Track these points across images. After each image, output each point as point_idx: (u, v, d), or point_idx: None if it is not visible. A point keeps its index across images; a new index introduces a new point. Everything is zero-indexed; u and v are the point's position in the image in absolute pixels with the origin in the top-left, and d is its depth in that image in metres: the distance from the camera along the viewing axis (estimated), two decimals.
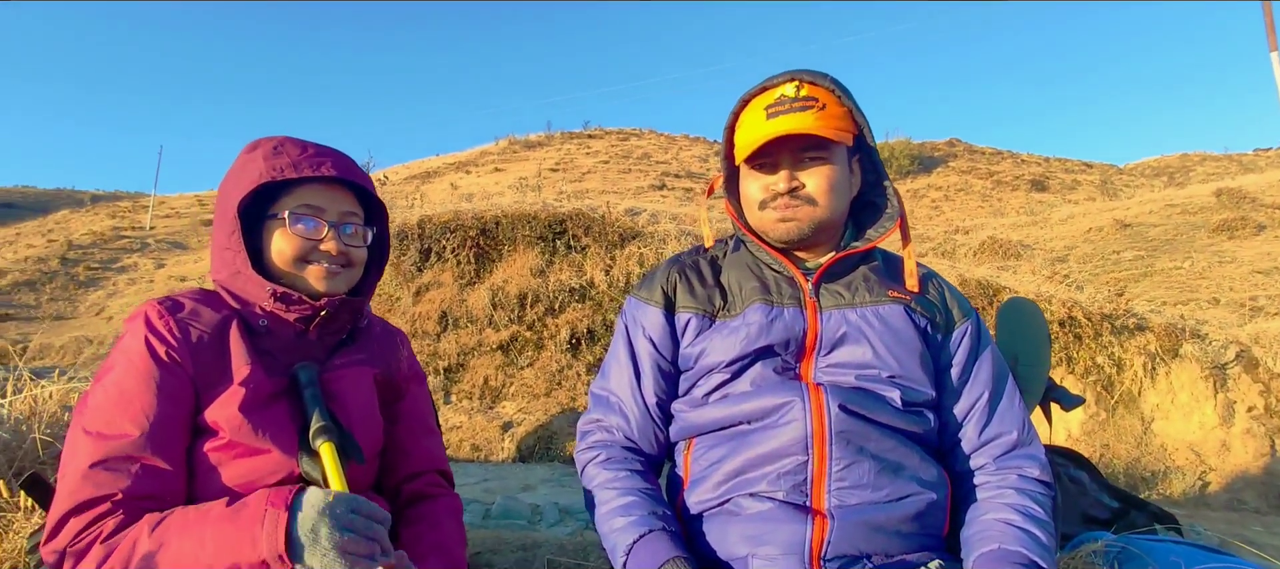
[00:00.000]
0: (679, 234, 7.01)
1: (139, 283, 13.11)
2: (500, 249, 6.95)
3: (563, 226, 6.96)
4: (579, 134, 27.02)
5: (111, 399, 1.10)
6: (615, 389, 1.35)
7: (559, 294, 6.47)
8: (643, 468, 1.29)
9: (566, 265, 6.70)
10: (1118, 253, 11.00)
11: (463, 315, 6.50)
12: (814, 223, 1.25)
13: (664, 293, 1.35)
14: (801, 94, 1.23)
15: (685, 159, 23.81)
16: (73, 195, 24.36)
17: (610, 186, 18.03)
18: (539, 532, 2.73)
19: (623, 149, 24.60)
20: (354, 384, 1.30)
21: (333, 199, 1.29)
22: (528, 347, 6.26)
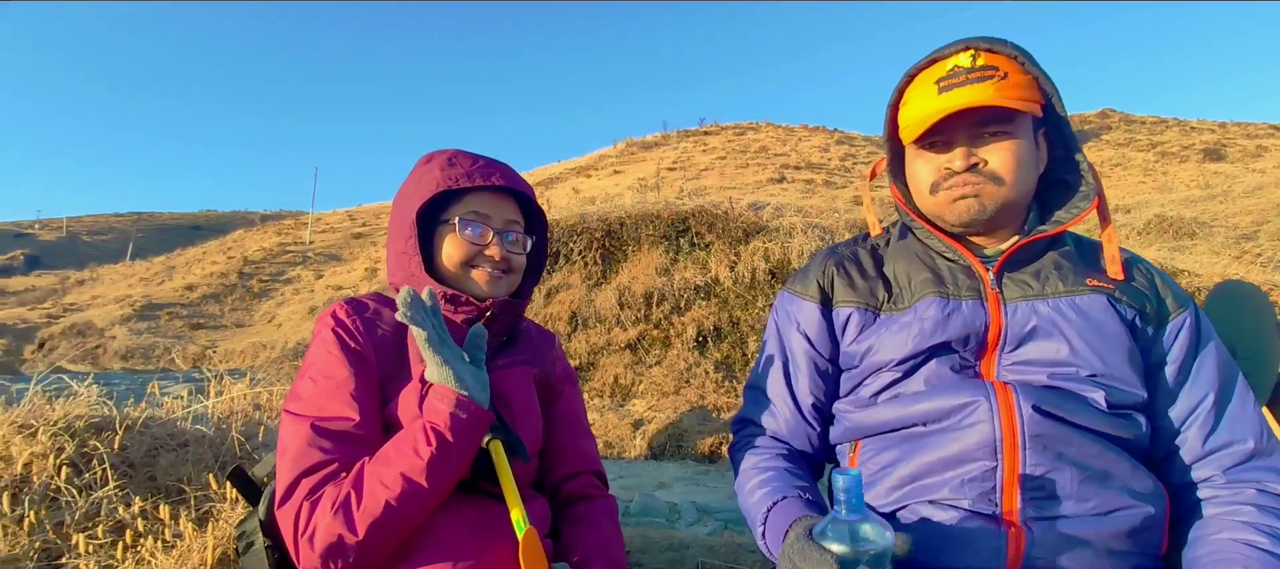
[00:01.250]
0: (805, 227, 6.80)
1: (302, 292, 14.47)
2: (625, 249, 7.03)
3: (686, 224, 6.94)
4: (695, 131, 27.00)
5: (320, 388, 1.18)
6: (767, 388, 1.31)
7: (684, 292, 6.46)
8: (789, 454, 1.25)
9: (691, 263, 6.68)
10: None
11: (591, 315, 6.63)
12: (997, 202, 1.14)
13: (820, 287, 1.28)
14: (978, 64, 1.11)
15: (805, 150, 23.17)
16: (246, 216, 27.36)
17: (728, 182, 17.86)
18: (681, 531, 2.71)
19: (740, 144, 24.31)
20: (517, 384, 1.34)
21: (498, 207, 1.35)
22: (655, 345, 6.30)
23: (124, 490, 1.54)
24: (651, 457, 5.19)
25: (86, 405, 1.74)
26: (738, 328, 6.26)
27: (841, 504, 0.83)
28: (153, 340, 12.60)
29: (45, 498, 1.49)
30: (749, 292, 6.40)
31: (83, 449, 1.58)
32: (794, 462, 1.23)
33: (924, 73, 1.17)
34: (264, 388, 2.32)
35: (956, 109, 1.09)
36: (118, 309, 14.48)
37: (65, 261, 24.15)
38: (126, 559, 1.38)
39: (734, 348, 6.17)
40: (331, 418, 1.15)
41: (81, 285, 18.49)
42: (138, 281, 17.55)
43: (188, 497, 1.58)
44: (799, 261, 6.45)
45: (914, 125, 1.15)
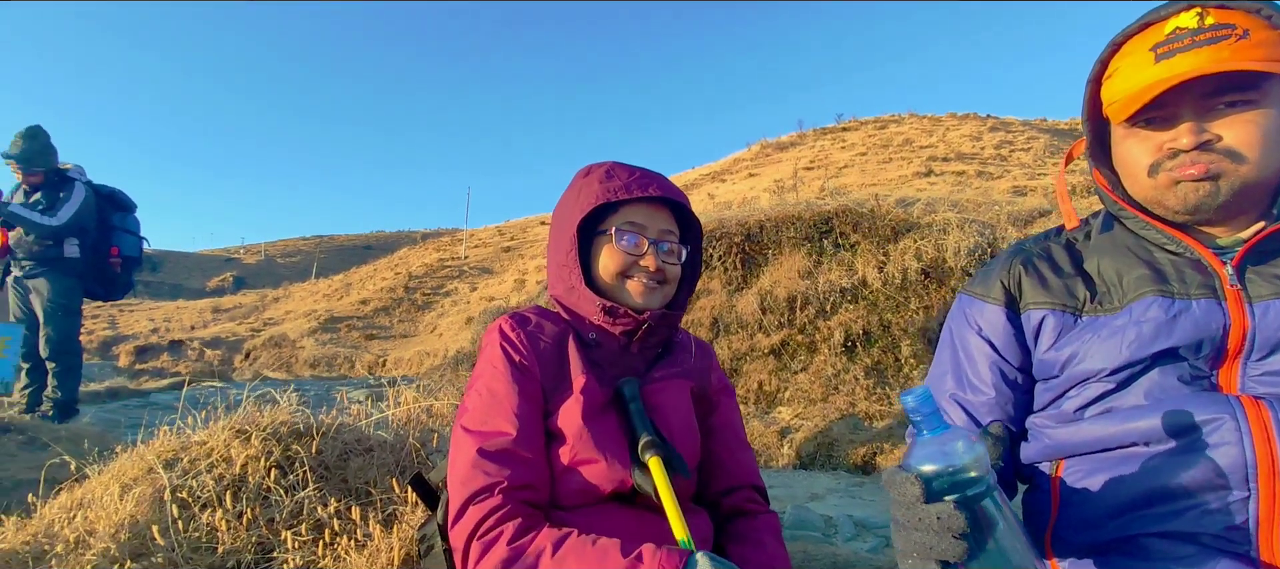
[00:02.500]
0: (961, 223, 6.32)
1: (459, 304, 15.54)
2: (765, 253, 6.89)
3: (829, 225, 6.69)
4: (832, 128, 26.09)
5: (485, 401, 1.23)
6: (941, 400, 1.19)
7: (830, 295, 6.22)
8: None
9: (835, 265, 6.43)
10: None
11: (733, 321, 6.55)
12: (1235, 185, 0.96)
13: (1004, 288, 1.15)
14: (1207, 23, 0.94)
15: (954, 140, 21.68)
16: (409, 235, 29.84)
17: (870, 179, 17.08)
18: (840, 547, 2.59)
19: (881, 138, 23.19)
20: (673, 397, 1.33)
21: (653, 218, 1.35)
22: (800, 350, 6.11)
23: (321, 492, 1.69)
24: (800, 466, 5.03)
25: (288, 413, 1.93)
26: (889, 332, 5.93)
27: (919, 425, 0.75)
28: (334, 350, 14.02)
29: (258, 496, 1.67)
30: (900, 293, 6.04)
31: (287, 453, 1.75)
32: None
33: (1135, 39, 1.00)
34: (434, 397, 2.48)
35: (1182, 79, 0.92)
36: (306, 323, 16.28)
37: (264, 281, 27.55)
38: (326, 556, 1.51)
39: (885, 353, 5.86)
40: (493, 433, 1.18)
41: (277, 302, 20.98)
42: (321, 298, 19.64)
43: (374, 499, 1.71)
44: (955, 260, 6.01)
45: (1125, 101, 0.99)
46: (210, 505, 1.63)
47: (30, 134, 4.57)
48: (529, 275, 15.54)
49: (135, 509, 1.62)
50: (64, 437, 3.61)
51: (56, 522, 1.69)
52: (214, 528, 1.57)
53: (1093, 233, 1.15)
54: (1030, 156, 19.49)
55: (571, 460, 1.22)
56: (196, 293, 27.86)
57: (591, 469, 1.22)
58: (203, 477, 1.69)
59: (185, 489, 1.66)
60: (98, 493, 1.72)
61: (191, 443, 1.82)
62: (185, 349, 15.37)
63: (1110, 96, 1.04)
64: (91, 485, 1.79)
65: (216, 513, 1.58)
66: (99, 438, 3.88)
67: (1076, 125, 27.05)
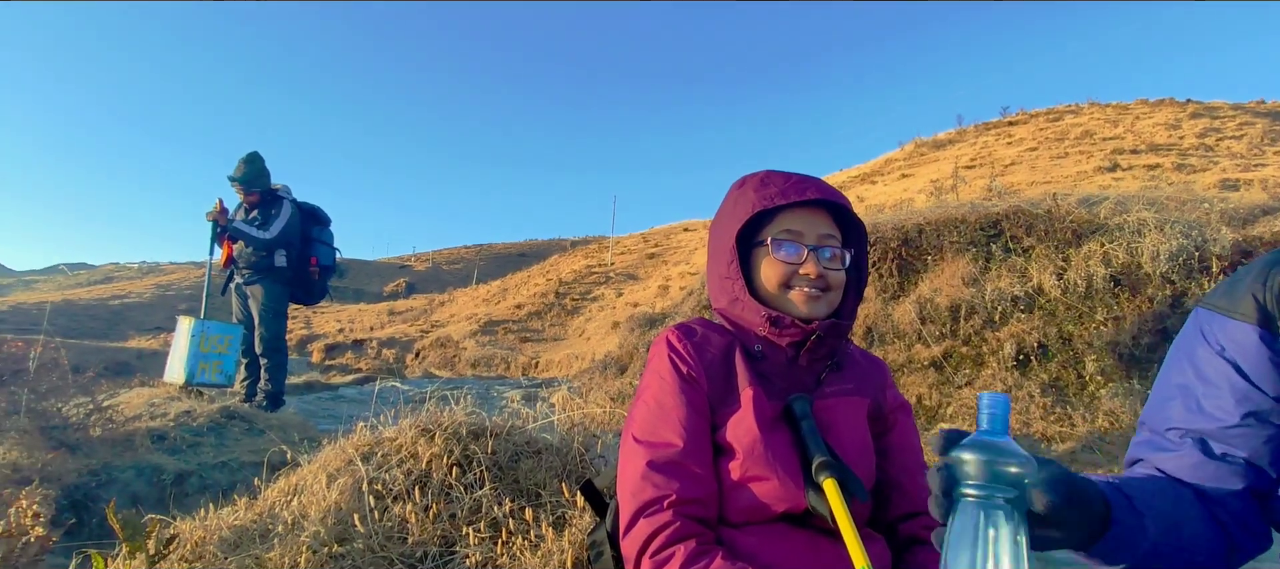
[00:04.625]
0: (1159, 223, 5.60)
1: (605, 309, 16.02)
2: (924, 258, 6.50)
3: (997, 228, 6.19)
4: (997, 123, 24.15)
5: (653, 412, 1.24)
6: (1162, 424, 1.03)
7: (999, 304, 5.74)
8: (1176, 483, 0.97)
9: (1005, 271, 5.92)
10: None
11: (888, 330, 6.23)
12: None
13: (1257, 303, 0.97)
14: None
15: (1144, 129, 19.30)
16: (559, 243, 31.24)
17: (1042, 176, 15.61)
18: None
19: (1054, 131, 21.13)
20: (847, 415, 1.27)
21: (811, 223, 1.30)
22: (965, 363, 5.69)
23: (497, 491, 1.80)
24: None
25: (464, 413, 2.07)
26: (1070, 345, 5.37)
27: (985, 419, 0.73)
28: (492, 351, 14.96)
29: (441, 492, 1.80)
30: (1084, 302, 5.46)
31: (465, 452, 1.88)
32: (1176, 482, 0.97)
33: None
34: (584, 398, 2.56)
35: None
36: (467, 325, 17.51)
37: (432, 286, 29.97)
38: (503, 554, 1.60)
39: (1065, 368, 5.31)
40: (660, 444, 1.19)
41: (443, 306, 22.74)
42: (481, 302, 21.05)
43: (544, 501, 1.79)
44: (1153, 266, 5.33)
45: None
46: (401, 498, 1.78)
47: (249, 159, 5.28)
48: (672, 282, 15.72)
49: (339, 497, 1.80)
50: (275, 424, 4.15)
51: (277, 504, 1.92)
52: (404, 519, 1.72)
53: None
54: (1243, 145, 16.91)
55: (742, 476, 1.20)
56: (375, 296, 30.85)
57: (763, 486, 1.19)
58: (393, 471, 1.85)
59: (379, 481, 1.83)
60: (308, 480, 1.93)
61: (383, 438, 2.00)
62: (366, 348, 17.07)
63: None
64: (303, 473, 2.02)
65: (406, 505, 1.73)
66: (302, 426, 4.41)
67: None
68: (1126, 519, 0.86)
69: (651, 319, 10.52)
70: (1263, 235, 5.25)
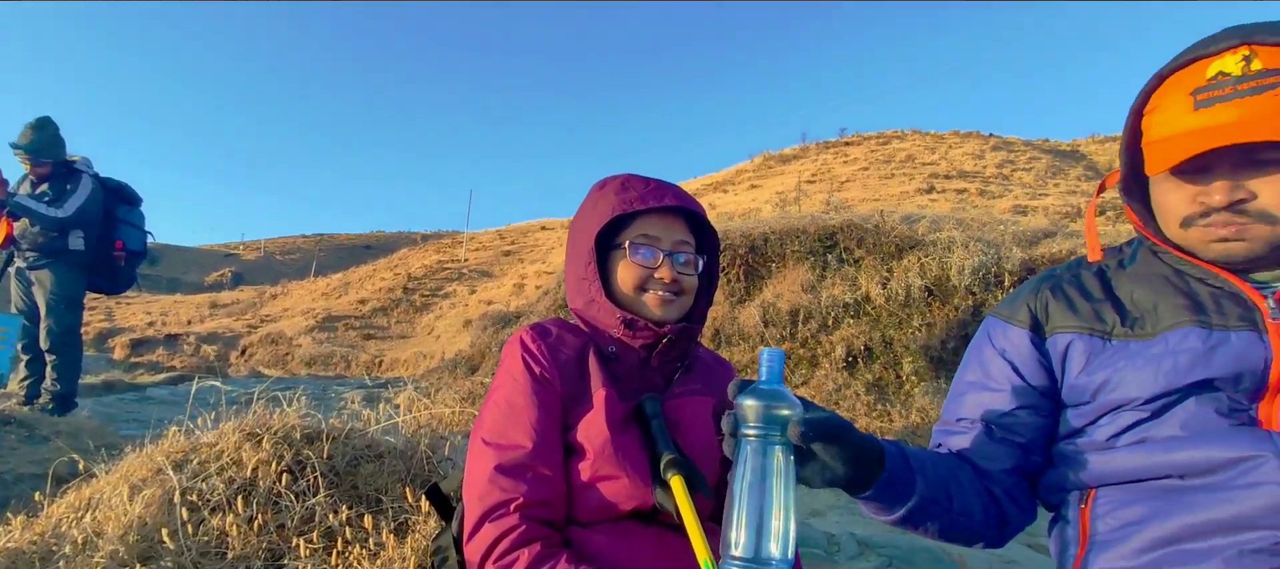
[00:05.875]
0: (966, 241, 6.33)
1: (457, 306, 15.52)
2: (769, 265, 6.90)
3: (833, 239, 6.71)
4: (835, 143, 26.19)
5: (504, 414, 1.22)
6: (956, 415, 1.20)
7: (832, 310, 6.22)
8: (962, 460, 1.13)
9: (839, 280, 6.43)
10: None
11: (735, 333, 6.55)
12: (1267, 244, 0.95)
13: (1030, 312, 1.15)
14: (1253, 69, 0.91)
15: (955, 158, 21.75)
16: (409, 236, 29.85)
17: (872, 194, 17.12)
18: (843, 566, 2.58)
19: (883, 153, 23.27)
20: (695, 414, 1.32)
21: (668, 229, 1.34)
22: (802, 364, 6.11)
23: (333, 498, 1.68)
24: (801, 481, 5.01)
25: (297, 416, 1.92)
26: (891, 348, 5.93)
27: (763, 373, 0.88)
28: (331, 349, 13.99)
29: (269, 501, 1.66)
30: (903, 310, 6.05)
31: (298, 457, 1.74)
32: (958, 458, 1.12)
33: (1178, 76, 0.98)
34: (431, 399, 2.47)
35: (1213, 146, 0.91)
36: (303, 321, 16.24)
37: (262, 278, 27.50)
38: (338, 564, 1.49)
39: (887, 369, 5.86)
40: (509, 446, 1.18)
41: (275, 299, 20.94)
42: (319, 296, 19.61)
43: (385, 507, 1.70)
44: (959, 278, 6.01)
45: (1161, 153, 0.97)
46: (220, 509, 1.62)
47: (39, 125, 4.55)
48: (528, 280, 15.54)
49: (144, 511, 1.60)
50: (64, 430, 3.59)
51: (64, 521, 1.67)
52: (224, 532, 1.56)
53: (1125, 261, 1.15)
54: (1032, 176, 19.56)
55: (592, 476, 1.21)
56: (194, 287, 27.81)
57: (612, 485, 1.21)
58: (213, 480, 1.68)
59: (195, 492, 1.65)
60: (106, 493, 1.70)
61: (201, 444, 1.81)
62: (181, 343, 15.32)
63: (1149, 135, 1.03)
64: (99, 485, 1.78)
65: (227, 517, 1.57)
66: (98, 432, 3.85)
67: (1079, 146, 27.13)
68: (899, 472, 1.01)
69: (506, 318, 10.34)
70: (1044, 255, 6.10)
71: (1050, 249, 6.19)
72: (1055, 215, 11.98)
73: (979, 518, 1.10)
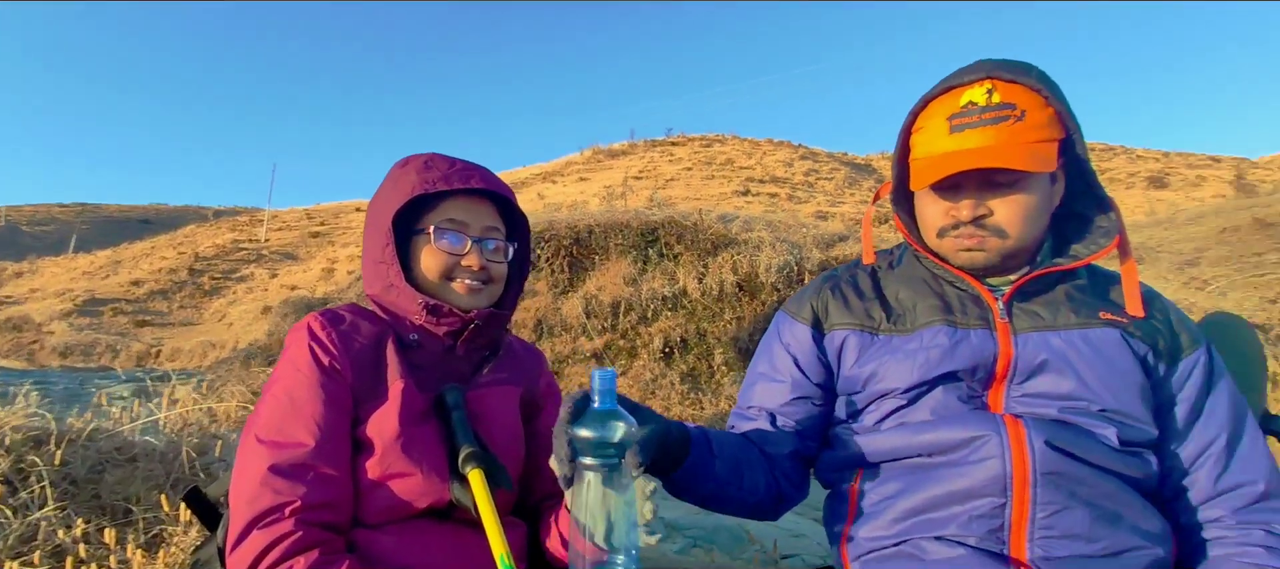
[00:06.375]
0: (773, 241, 6.83)
1: (255, 291, 14.05)
2: (593, 257, 6.98)
3: (655, 235, 6.92)
4: (662, 141, 27.12)
5: (283, 408, 1.11)
6: (747, 402, 1.29)
7: (652, 302, 6.43)
8: (752, 441, 1.23)
9: (659, 273, 6.66)
10: (1259, 255, 9.98)
11: (557, 323, 6.55)
12: (1001, 254, 1.12)
13: (813, 310, 1.26)
14: (995, 101, 1.06)
15: (770, 164, 23.44)
16: (198, 211, 26.51)
17: (694, 193, 17.97)
18: (646, 550, 2.65)
19: (706, 155, 24.49)
20: (500, 404, 1.28)
21: (476, 213, 1.28)
22: (622, 355, 6.25)
23: (65, 511, 1.42)
24: None
25: (23, 415, 1.61)
26: (705, 340, 6.25)
27: (596, 396, 0.89)
28: (94, 337, 12.05)
29: None
30: (717, 304, 6.39)
31: (19, 465, 1.45)
32: (749, 442, 1.22)
33: (939, 101, 1.13)
34: (217, 398, 2.20)
35: (968, 167, 1.05)
36: (58, 303, 13.83)
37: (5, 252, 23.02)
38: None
39: (700, 360, 6.16)
40: (288, 444, 1.07)
41: (19, 278, 17.64)
42: (80, 275, 16.81)
43: (136, 518, 1.47)
44: (766, 276, 6.47)
45: (922, 171, 1.11)
46: None
47: None
48: (339, 264, 14.42)
49: None
50: None
51: None
52: None
53: (894, 263, 1.28)
54: (833, 185, 21.60)
55: (382, 474, 1.13)
56: None
57: (404, 483, 1.14)
58: None
59: None
60: None
61: None
62: None
63: (914, 153, 1.17)
64: None
65: None
66: None
67: (871, 161, 30.40)
68: (702, 460, 1.09)
69: (311, 304, 9.52)
70: (839, 256, 6.75)
71: (844, 251, 6.86)
72: (850, 221, 13.33)
73: (762, 495, 1.19)
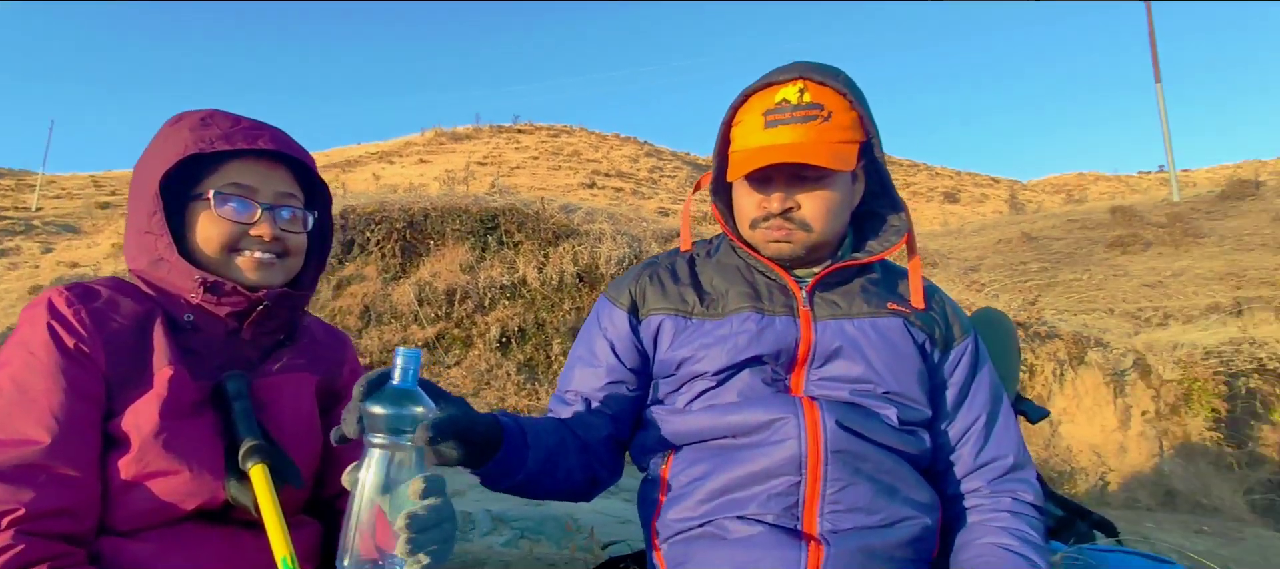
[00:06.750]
0: (614, 234, 6.91)
1: (23, 267, 11.96)
2: (428, 243, 6.67)
3: (495, 221, 6.75)
4: (508, 128, 26.55)
5: (10, 400, 0.94)
6: (565, 385, 1.29)
7: (489, 291, 6.26)
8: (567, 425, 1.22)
9: (498, 262, 6.50)
10: (1025, 264, 11.66)
11: (386, 311, 6.19)
12: (806, 246, 1.18)
13: (631, 295, 1.27)
14: (805, 100, 1.12)
15: (616, 158, 23.76)
16: None
17: (540, 183, 17.80)
18: (474, 543, 2.57)
19: (553, 146, 24.34)
20: (293, 394, 1.15)
21: (267, 178, 1.14)
22: (456, 344, 6.03)
23: None
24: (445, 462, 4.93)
25: None
26: (543, 330, 6.19)
27: (397, 373, 0.86)
28: None
29: None
30: (556, 294, 6.35)
31: None
32: (565, 427, 1.20)
33: (756, 97, 1.17)
34: None
35: (779, 160, 1.10)
36: None
37: None
38: None
39: (538, 350, 6.09)
40: (14, 443, 0.91)
41: None
42: None
43: None
44: (607, 268, 6.53)
45: (739, 161, 1.15)
46: None
47: None
48: None
49: None
50: None
51: None
52: None
53: (712, 251, 1.32)
54: (676, 183, 22.32)
55: (138, 473, 0.98)
56: None
57: (167, 482, 0.99)
58: None
59: None
60: None
61: None
62: None
63: (733, 145, 1.21)
64: None
65: None
66: None
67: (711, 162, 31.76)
68: (515, 451, 1.06)
69: None
70: None
71: None
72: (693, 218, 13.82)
73: (577, 480, 1.19)
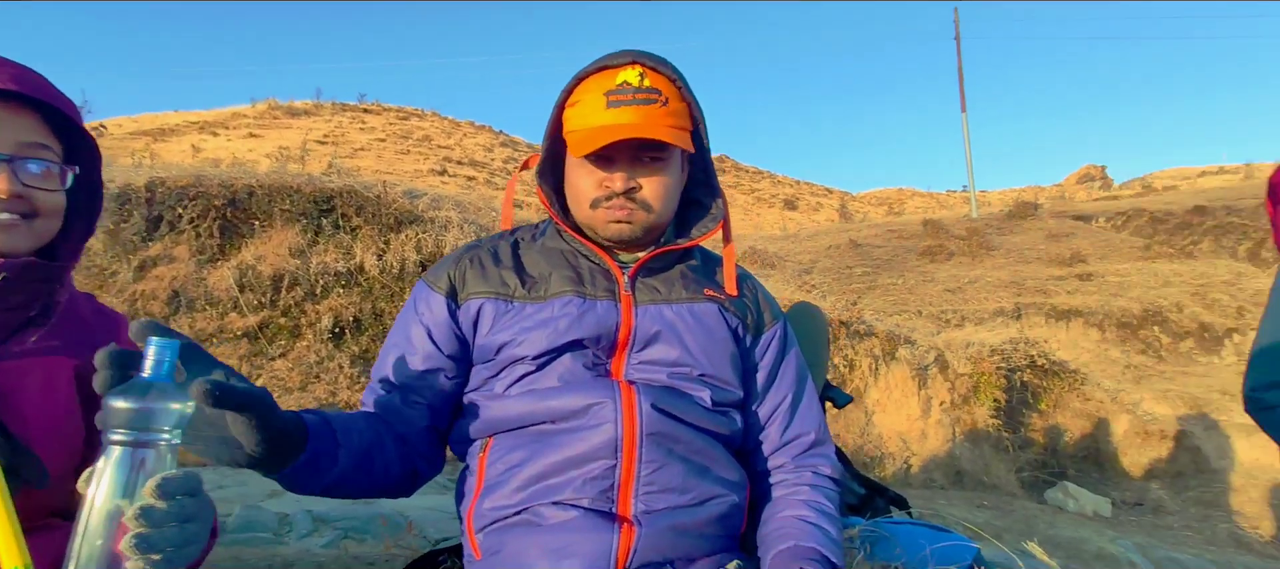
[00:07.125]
0: (462, 222, 6.69)
1: None
2: (252, 223, 6.10)
3: (331, 204, 6.30)
4: (354, 106, 24.90)
5: None
6: (379, 374, 1.23)
7: (322, 278, 5.84)
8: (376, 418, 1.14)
9: (333, 247, 6.07)
10: (851, 268, 12.73)
11: (200, 296, 5.59)
12: (645, 227, 1.20)
13: (449, 280, 1.22)
14: (645, 84, 1.14)
15: (469, 147, 23.06)
16: None
17: (387, 167, 16.89)
18: (289, 546, 2.39)
19: (402, 129, 23.16)
20: (42, 380, 1.00)
21: (8, 124, 0.98)
22: (282, 334, 5.57)
23: None
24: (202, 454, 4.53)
25: None
26: (381, 320, 5.87)
27: (148, 365, 0.75)
28: None
29: None
30: (397, 283, 6.05)
31: None
32: (380, 421, 1.14)
33: (593, 80, 1.17)
34: None
35: (627, 136, 1.11)
36: None
37: None
38: None
39: (375, 341, 5.76)
40: None
41: None
42: None
43: None
44: None
45: (584, 139, 1.15)
46: None
47: None
48: None
49: None
50: None
51: None
52: None
53: (537, 234, 1.31)
54: (530, 175, 22.00)
55: None
56: None
57: None
58: None
59: None
60: None
61: None
62: None
63: (569, 126, 1.20)
64: None
65: None
66: None
67: None
68: (323, 451, 0.96)
69: None
70: None
71: None
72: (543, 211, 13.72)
73: (396, 475, 1.13)
